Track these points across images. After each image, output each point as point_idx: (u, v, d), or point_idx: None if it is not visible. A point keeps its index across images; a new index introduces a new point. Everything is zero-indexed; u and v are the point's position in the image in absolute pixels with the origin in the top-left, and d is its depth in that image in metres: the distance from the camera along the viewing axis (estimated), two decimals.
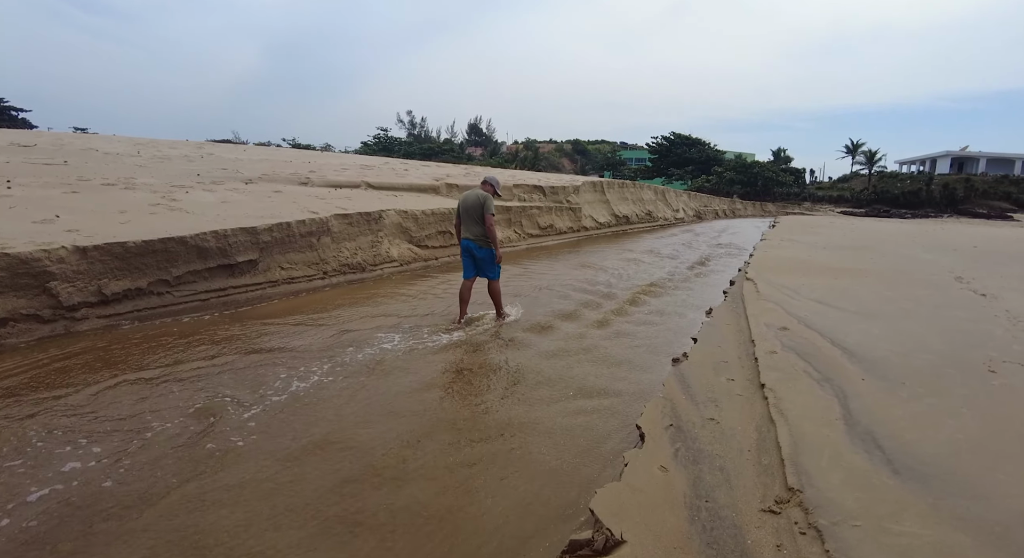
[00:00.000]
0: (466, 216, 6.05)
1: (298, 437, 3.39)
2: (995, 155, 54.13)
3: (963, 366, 4.20)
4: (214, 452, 3.17)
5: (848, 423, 3.14)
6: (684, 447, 3.05)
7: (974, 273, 9.26)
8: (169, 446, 3.22)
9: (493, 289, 6.36)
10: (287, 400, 3.92)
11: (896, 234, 18.23)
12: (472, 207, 5.99)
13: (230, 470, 2.98)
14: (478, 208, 5.94)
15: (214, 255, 7.25)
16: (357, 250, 9.09)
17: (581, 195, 18.21)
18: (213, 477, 2.91)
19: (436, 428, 3.59)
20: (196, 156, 14.68)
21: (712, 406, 3.57)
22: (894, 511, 2.30)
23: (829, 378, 3.86)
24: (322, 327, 5.86)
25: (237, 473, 2.95)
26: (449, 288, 8.23)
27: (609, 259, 12.31)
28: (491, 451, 3.31)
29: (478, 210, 5.94)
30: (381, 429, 3.54)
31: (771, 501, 2.48)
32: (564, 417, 3.83)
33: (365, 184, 12.33)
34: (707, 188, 46.55)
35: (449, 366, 4.80)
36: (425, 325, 6.06)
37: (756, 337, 4.86)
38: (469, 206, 6.02)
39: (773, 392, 3.60)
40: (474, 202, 6.00)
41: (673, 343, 5.68)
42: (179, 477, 2.90)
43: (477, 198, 6.00)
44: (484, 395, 4.20)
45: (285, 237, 8.17)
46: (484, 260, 6.11)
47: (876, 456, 2.76)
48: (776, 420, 3.19)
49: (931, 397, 3.56)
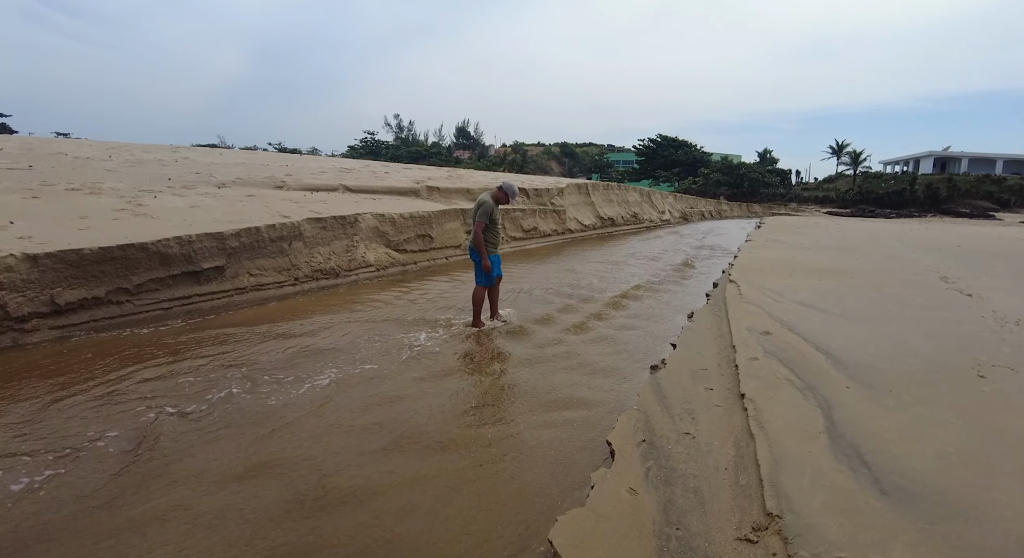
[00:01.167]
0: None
1: (243, 456, 3.12)
2: (977, 155, 54.70)
3: (951, 371, 4.01)
4: (143, 475, 2.90)
5: (832, 436, 2.92)
6: (656, 465, 2.82)
7: (959, 272, 9.15)
8: (96, 468, 2.94)
9: (473, 295, 6.09)
10: (234, 416, 3.65)
11: (881, 234, 18.19)
12: (472, 211, 5.97)
13: (161, 494, 2.71)
14: (473, 212, 5.89)
15: (178, 262, 6.95)
16: (331, 255, 8.81)
17: (566, 197, 18.02)
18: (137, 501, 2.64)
19: (395, 444, 3.34)
20: (170, 160, 14.31)
21: (688, 419, 3.35)
22: (881, 539, 2.08)
23: (812, 386, 3.65)
24: (287, 338, 5.58)
25: (167, 497, 2.68)
26: (425, 293, 7.98)
27: (592, 262, 12.11)
28: (450, 469, 3.06)
29: (473, 214, 5.89)
30: (335, 448, 3.28)
31: (748, 528, 2.26)
32: (534, 430, 3.59)
33: (343, 187, 12.04)
34: (694, 190, 46.62)
35: (415, 377, 4.54)
36: (395, 332, 5.80)
37: (737, 342, 4.65)
38: (472, 210, 6.01)
39: (753, 403, 3.38)
40: (474, 206, 5.94)
41: (653, 349, 5.47)
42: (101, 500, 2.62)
43: (477, 202, 5.90)
44: (448, 408, 3.95)
45: (254, 242, 7.88)
46: (475, 263, 5.96)
47: (861, 474, 2.55)
48: (755, 434, 2.97)
49: (919, 406, 3.36)
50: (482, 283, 5.96)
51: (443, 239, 11.42)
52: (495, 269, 5.95)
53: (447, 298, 7.66)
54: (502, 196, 5.95)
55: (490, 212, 5.78)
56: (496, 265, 5.97)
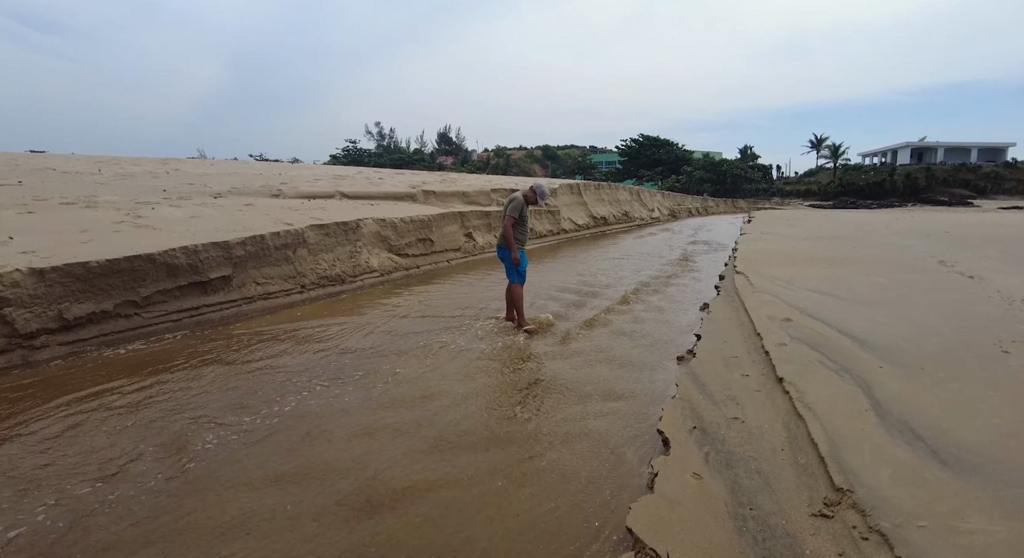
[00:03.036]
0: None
1: (286, 459, 3.09)
2: (952, 144, 55.90)
3: (975, 348, 4.10)
4: (195, 484, 2.86)
5: (879, 414, 2.97)
6: (713, 450, 2.84)
7: (955, 257, 9.34)
8: (138, 487, 2.89)
9: (511, 293, 6.10)
10: (278, 423, 3.61)
11: (869, 223, 18.50)
12: (504, 208, 6.09)
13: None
14: (504, 207, 6.05)
15: (185, 272, 6.86)
16: (335, 261, 8.75)
17: (559, 198, 18.08)
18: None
19: (441, 442, 3.33)
20: (161, 172, 14.11)
21: (733, 404, 3.38)
22: (957, 508, 2.12)
23: (846, 368, 3.71)
24: (314, 342, 5.53)
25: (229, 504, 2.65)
26: (435, 295, 7.96)
27: (593, 260, 12.16)
28: (503, 465, 3.05)
29: (504, 211, 6.03)
30: (385, 448, 3.25)
31: (820, 504, 2.29)
32: (578, 423, 3.60)
33: (339, 194, 11.97)
34: (678, 188, 47.03)
35: (452, 375, 4.53)
36: (419, 334, 5.77)
37: (761, 330, 4.71)
38: (503, 208, 6.12)
39: (793, 386, 3.42)
40: (506, 203, 6.09)
41: (675, 340, 5.51)
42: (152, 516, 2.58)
43: (508, 200, 6.06)
44: (490, 404, 3.94)
45: (259, 251, 7.80)
46: (505, 261, 6.11)
47: (919, 448, 2.59)
48: (804, 415, 3.01)
49: (954, 382, 3.43)
50: (517, 281, 6.00)
51: (443, 242, 11.40)
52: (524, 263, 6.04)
53: (458, 299, 7.65)
54: (532, 196, 6.07)
55: (520, 208, 5.93)
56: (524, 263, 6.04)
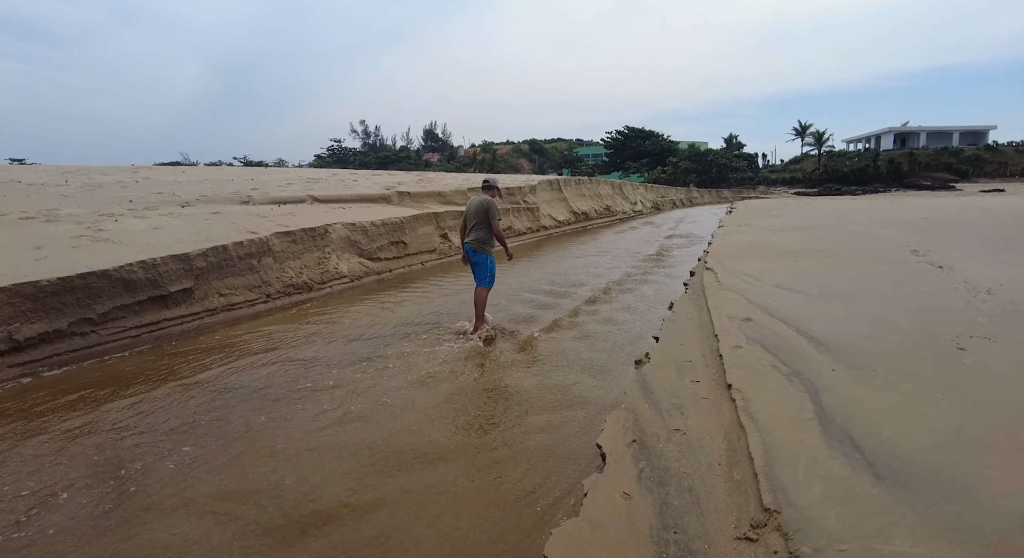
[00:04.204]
0: (470, 222, 6.06)
1: (225, 480, 2.97)
2: (934, 129, 56.20)
3: (933, 345, 4.03)
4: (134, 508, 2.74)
5: (822, 422, 2.89)
6: (649, 466, 2.75)
7: (928, 245, 9.31)
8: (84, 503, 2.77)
9: (479, 296, 6.05)
10: (220, 442, 3.49)
11: (850, 211, 18.52)
12: (476, 213, 6.00)
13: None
14: (482, 214, 5.97)
15: (144, 287, 6.70)
16: (303, 268, 8.61)
17: (538, 194, 17.97)
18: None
19: (378, 459, 3.22)
20: (130, 181, 13.88)
21: (677, 414, 3.30)
22: (882, 527, 2.04)
23: (798, 371, 3.63)
24: (264, 354, 5.41)
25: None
26: (403, 302, 7.83)
27: (570, 258, 12.07)
28: (436, 482, 2.95)
29: (483, 215, 5.96)
30: (315, 467, 3.14)
31: (746, 526, 2.20)
32: (525, 436, 3.50)
33: (311, 198, 11.80)
34: (664, 179, 47.02)
35: (398, 387, 4.42)
36: (372, 343, 5.66)
37: (719, 331, 4.63)
38: (474, 212, 6.02)
39: (740, 393, 3.34)
40: (478, 208, 6.00)
41: (639, 342, 5.43)
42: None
43: (481, 204, 6.00)
44: (434, 417, 3.83)
45: (222, 261, 7.65)
46: (479, 265, 6.03)
47: (856, 460, 2.51)
48: (746, 426, 2.93)
49: (905, 383, 3.36)
50: (486, 285, 6.03)
51: (417, 244, 11.27)
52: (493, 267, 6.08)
53: (427, 305, 7.54)
54: (493, 193, 6.19)
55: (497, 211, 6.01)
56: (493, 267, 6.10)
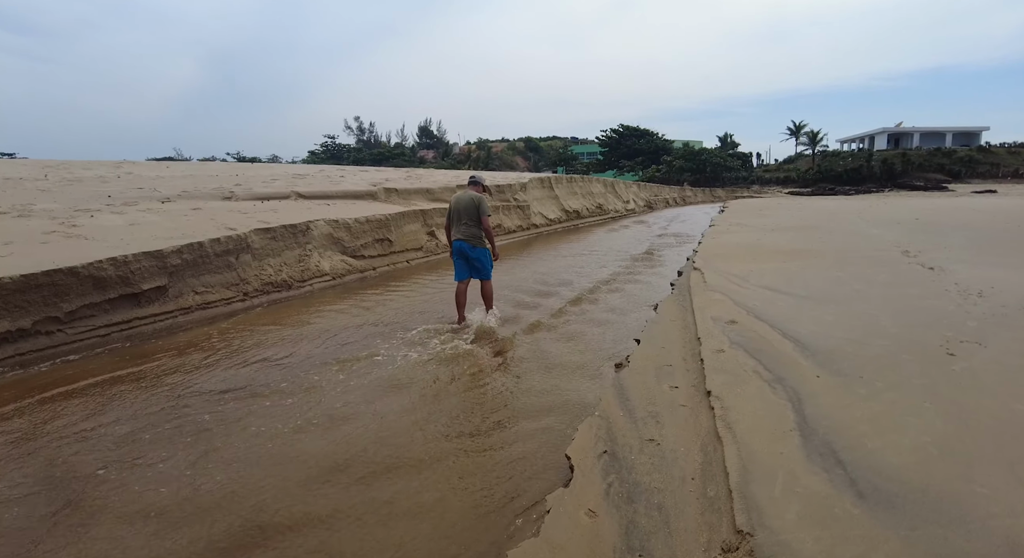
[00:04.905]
0: (458, 218, 5.98)
1: (173, 490, 2.79)
2: (927, 129, 56.33)
3: (920, 351, 3.88)
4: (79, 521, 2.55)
5: (804, 434, 2.73)
6: (618, 480, 2.58)
7: (920, 246, 9.20)
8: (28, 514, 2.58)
9: (486, 290, 6.19)
10: (173, 449, 3.30)
11: (842, 211, 18.43)
12: (467, 209, 5.94)
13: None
14: (473, 210, 5.92)
15: (114, 285, 6.49)
16: (282, 266, 8.40)
17: (529, 192, 17.78)
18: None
19: (337, 470, 3.04)
20: (112, 176, 13.61)
21: (652, 423, 3.13)
22: (862, 553, 1.88)
23: (781, 378, 3.47)
24: (234, 356, 5.21)
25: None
26: (383, 301, 7.64)
27: (559, 257, 11.91)
28: (398, 496, 2.78)
29: (473, 212, 5.92)
30: (269, 477, 2.96)
31: (717, 549, 2.04)
32: (495, 446, 3.33)
33: (295, 194, 11.58)
34: (658, 177, 46.93)
35: (366, 392, 4.24)
36: (347, 344, 5.47)
37: (702, 334, 4.47)
38: (463, 207, 5.96)
39: (720, 400, 3.18)
40: (468, 204, 5.95)
41: (622, 344, 5.27)
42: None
43: (472, 200, 5.96)
44: (403, 425, 3.66)
45: (198, 258, 7.44)
46: (479, 260, 6.01)
47: (837, 476, 2.35)
48: (723, 437, 2.76)
49: (891, 391, 3.20)
50: (489, 278, 6.12)
51: (403, 242, 11.07)
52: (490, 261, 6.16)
53: (408, 304, 7.35)
54: (481, 189, 6.19)
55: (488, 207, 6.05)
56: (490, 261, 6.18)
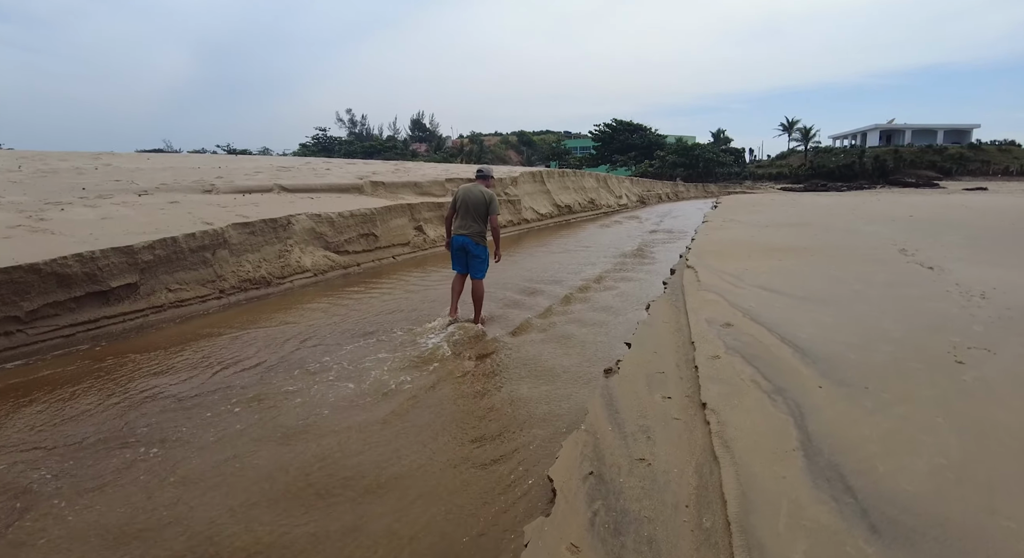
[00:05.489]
0: (465, 212, 5.75)
1: (111, 511, 2.51)
2: (919, 126, 56.36)
3: (928, 358, 3.66)
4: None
5: (808, 455, 2.49)
6: (604, 508, 2.33)
7: (916, 244, 9.01)
8: None
9: (478, 290, 5.88)
10: (118, 463, 3.02)
11: (836, 207, 18.27)
12: (476, 204, 5.72)
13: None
14: (482, 206, 5.71)
15: (80, 282, 6.17)
16: (261, 262, 8.09)
17: (520, 186, 17.49)
18: None
19: (297, 491, 2.78)
20: (89, 168, 13.18)
21: (643, 439, 2.88)
22: None
23: (781, 388, 3.23)
24: (197, 358, 4.92)
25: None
26: (358, 301, 7.35)
27: (550, 253, 11.65)
28: (362, 522, 2.52)
29: (482, 208, 5.71)
30: (217, 502, 2.69)
31: None
32: (472, 464, 3.07)
33: (278, 187, 11.24)
34: (651, 173, 46.72)
35: (341, 399, 3.97)
36: (324, 343, 5.19)
37: (696, 338, 4.23)
38: (473, 202, 5.73)
39: (716, 414, 2.94)
40: (479, 199, 5.72)
41: (610, 347, 5.03)
42: None
43: (483, 195, 5.74)
44: (374, 441, 3.39)
45: (171, 254, 7.12)
46: (478, 258, 5.79)
47: (846, 506, 2.11)
48: (720, 457, 2.52)
49: (899, 404, 2.97)
50: (483, 277, 5.90)
51: (389, 237, 10.77)
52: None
53: (390, 302, 7.07)
54: (488, 183, 5.98)
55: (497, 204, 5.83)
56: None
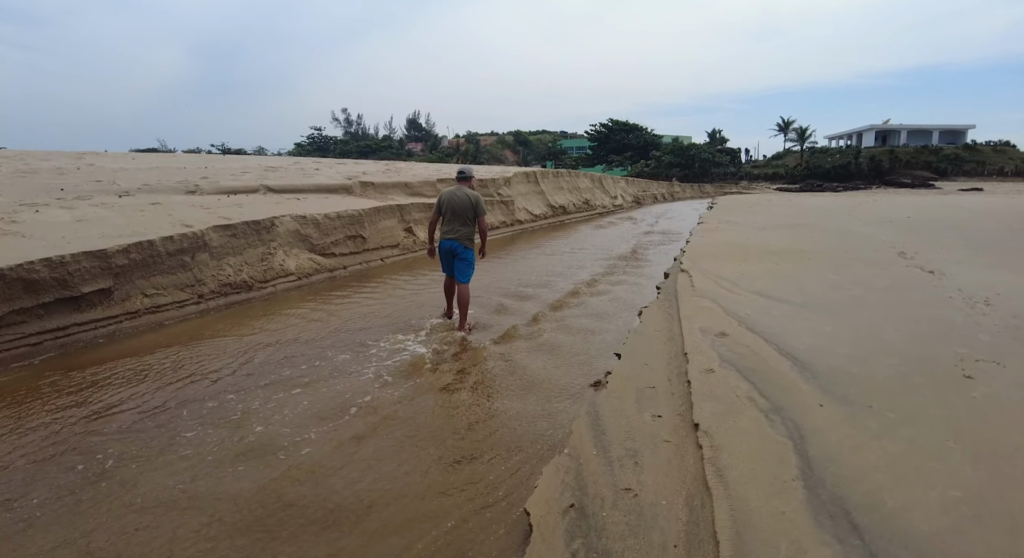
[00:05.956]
0: (452, 216, 5.61)
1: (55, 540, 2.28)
2: (914, 127, 56.35)
3: (934, 372, 3.45)
4: None
5: (809, 485, 2.27)
6: (584, 548, 2.10)
7: (915, 246, 8.82)
8: None
9: (463, 295, 5.70)
10: (63, 491, 2.78)
11: (832, 208, 18.10)
12: (463, 207, 5.59)
13: None
14: (469, 208, 5.59)
15: (49, 288, 5.91)
16: (243, 266, 7.84)
17: (513, 187, 17.25)
18: None
19: (239, 527, 2.54)
20: (71, 168, 12.89)
21: (630, 465, 2.66)
22: None
23: (779, 407, 3.01)
24: (163, 370, 4.67)
25: None
26: (340, 307, 7.10)
27: (543, 255, 11.42)
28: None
29: (469, 210, 5.60)
30: (172, 524, 2.45)
31: None
32: (445, 493, 2.84)
33: (264, 188, 10.98)
34: (646, 173, 46.56)
35: (308, 418, 3.73)
36: (297, 354, 4.95)
37: (689, 349, 4.00)
38: (459, 205, 5.60)
39: (709, 437, 2.71)
40: (464, 201, 5.60)
41: (600, 358, 4.81)
42: None
43: (468, 197, 5.62)
44: (337, 468, 3.16)
45: (148, 258, 6.86)
46: (465, 261, 5.66)
47: (852, 548, 1.89)
48: (713, 488, 2.30)
49: (906, 426, 2.76)
50: (468, 281, 5.74)
51: (378, 239, 10.52)
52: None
53: (374, 307, 6.82)
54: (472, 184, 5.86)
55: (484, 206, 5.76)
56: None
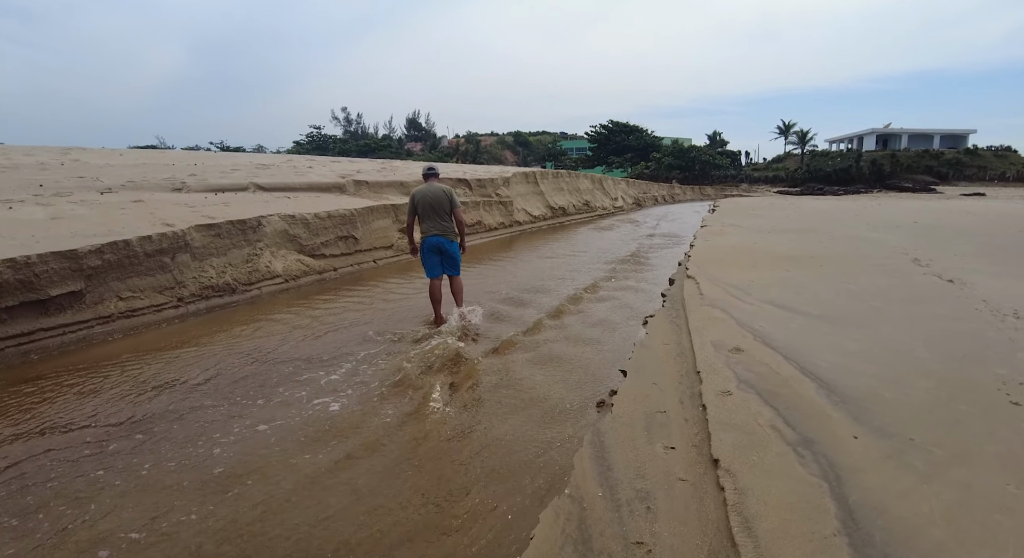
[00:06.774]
0: (431, 212, 5.64)
1: None
2: (915, 131, 56.12)
3: (976, 398, 3.09)
4: None
5: (854, 544, 1.91)
6: None
7: (928, 253, 8.48)
8: None
9: (458, 285, 5.97)
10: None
11: (837, 212, 17.76)
12: (438, 201, 5.64)
13: None
14: (445, 202, 5.66)
15: (13, 290, 5.53)
16: (227, 267, 7.46)
17: (512, 187, 16.88)
18: None
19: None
20: (55, 164, 12.47)
21: (642, 510, 2.29)
22: None
23: (808, 439, 2.65)
24: (126, 382, 4.30)
25: None
26: (327, 312, 6.73)
27: (543, 258, 11.06)
28: None
29: (445, 204, 5.66)
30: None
31: None
32: (423, 542, 2.48)
33: (254, 186, 10.59)
34: (646, 174, 46.27)
35: (283, 440, 3.36)
36: (274, 367, 4.57)
37: (702, 367, 3.64)
38: (434, 201, 5.64)
39: (732, 477, 2.35)
40: (439, 196, 5.66)
41: (605, 371, 4.45)
42: None
43: (443, 192, 5.69)
44: (306, 499, 2.79)
45: (124, 259, 6.48)
46: (454, 256, 5.78)
47: None
48: (740, 544, 1.93)
49: (958, 466, 2.40)
50: (459, 273, 5.91)
51: (370, 240, 10.15)
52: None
53: (363, 313, 6.45)
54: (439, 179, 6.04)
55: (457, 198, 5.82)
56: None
